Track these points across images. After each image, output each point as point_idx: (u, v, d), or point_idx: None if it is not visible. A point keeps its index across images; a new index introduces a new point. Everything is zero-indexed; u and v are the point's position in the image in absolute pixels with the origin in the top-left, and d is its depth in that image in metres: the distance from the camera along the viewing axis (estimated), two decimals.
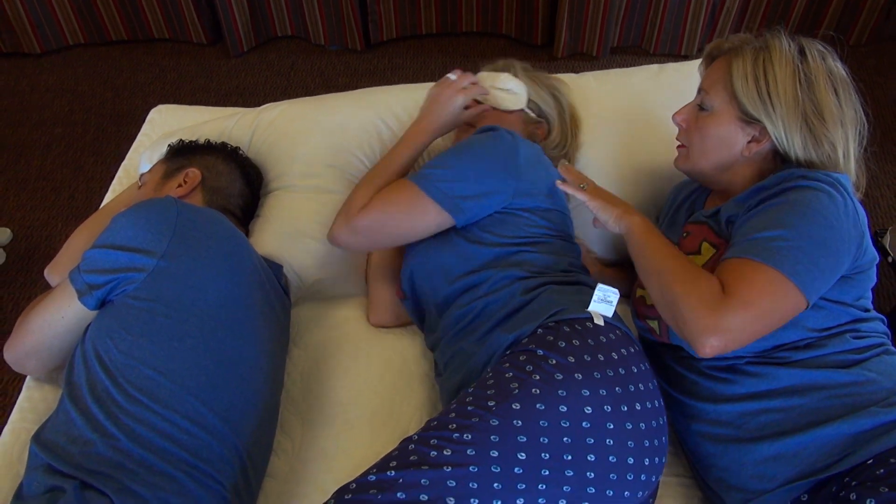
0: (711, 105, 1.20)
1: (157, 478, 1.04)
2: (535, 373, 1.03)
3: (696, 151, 1.24)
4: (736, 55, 1.18)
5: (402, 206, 1.26)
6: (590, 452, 0.98)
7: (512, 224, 1.28)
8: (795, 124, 1.13)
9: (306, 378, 1.40)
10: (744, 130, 1.18)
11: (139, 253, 1.14)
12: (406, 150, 1.37)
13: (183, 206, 1.22)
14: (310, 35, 3.16)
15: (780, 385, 1.09)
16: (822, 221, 1.04)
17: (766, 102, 1.14)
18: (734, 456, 1.11)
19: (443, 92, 1.39)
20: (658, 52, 3.09)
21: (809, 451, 1.04)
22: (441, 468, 0.94)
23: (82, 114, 2.86)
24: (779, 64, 1.14)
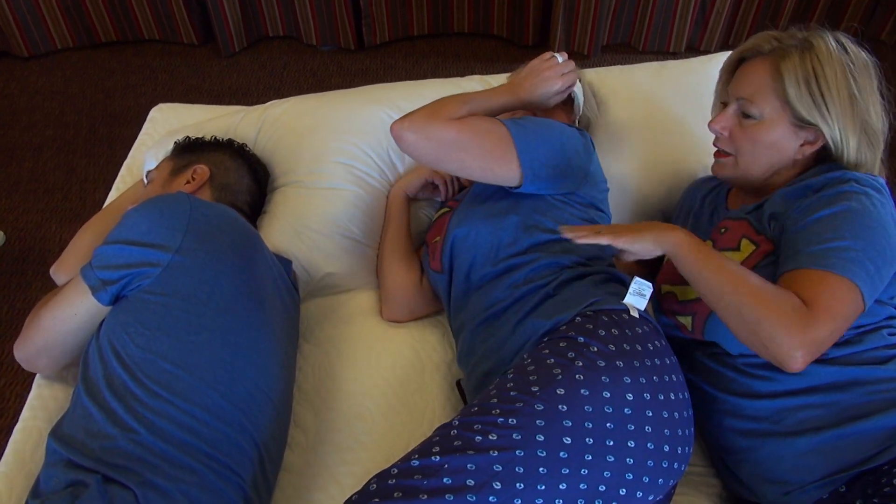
0: (761, 113, 1.17)
1: (178, 471, 1.04)
2: (578, 359, 1.04)
3: (746, 160, 1.22)
4: (783, 58, 1.15)
5: (490, 142, 1.21)
6: (630, 438, 1.00)
7: (567, 213, 1.29)
8: (853, 125, 1.13)
9: (318, 372, 1.41)
10: (797, 135, 1.17)
11: (154, 248, 1.14)
12: (496, 99, 1.30)
13: (196, 200, 1.22)
14: (302, 35, 3.16)
15: (820, 382, 1.10)
16: (881, 231, 1.05)
17: (822, 105, 1.12)
18: (771, 450, 1.12)
19: (546, 71, 1.34)
20: (647, 49, 3.12)
21: (848, 444, 1.05)
22: (487, 453, 0.95)
23: (73, 115, 2.84)
24: (827, 63, 1.12)
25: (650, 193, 1.60)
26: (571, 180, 1.29)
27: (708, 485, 1.28)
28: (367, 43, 3.11)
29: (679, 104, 1.64)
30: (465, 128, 1.20)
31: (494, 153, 1.22)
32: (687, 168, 1.58)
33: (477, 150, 1.21)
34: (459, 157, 1.21)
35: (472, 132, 1.21)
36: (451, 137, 1.19)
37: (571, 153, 1.28)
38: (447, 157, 1.21)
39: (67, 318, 1.19)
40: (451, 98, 1.26)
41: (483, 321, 1.27)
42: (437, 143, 1.19)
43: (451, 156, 1.21)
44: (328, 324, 1.49)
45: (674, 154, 1.60)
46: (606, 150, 1.59)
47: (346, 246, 1.50)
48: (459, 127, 1.20)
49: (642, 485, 1.01)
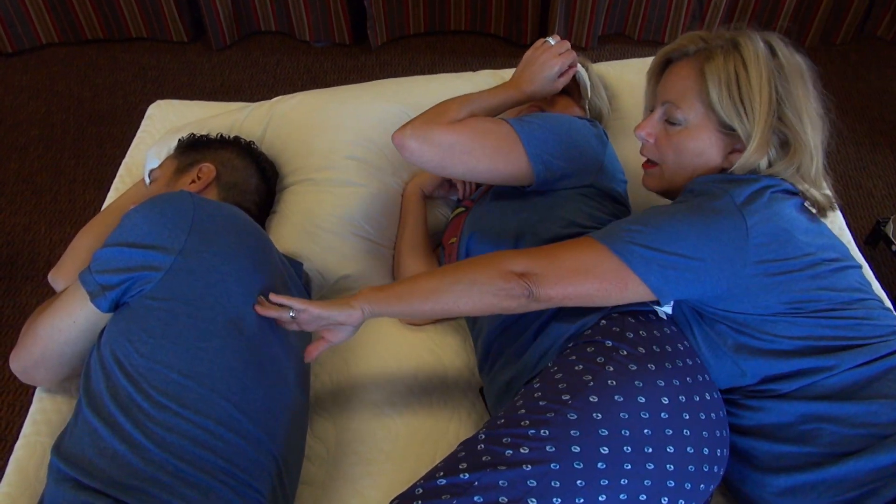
0: (685, 118, 1.11)
1: (193, 490, 0.98)
2: (608, 364, 0.99)
3: (671, 169, 1.15)
4: (707, 59, 1.09)
5: (495, 142, 1.17)
6: (669, 444, 0.95)
7: (586, 206, 1.24)
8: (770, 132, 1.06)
9: (335, 380, 1.34)
10: (723, 142, 1.10)
11: (155, 250, 1.07)
12: (499, 96, 1.28)
13: (200, 199, 1.15)
14: (294, 31, 3.09)
15: (783, 419, 1.04)
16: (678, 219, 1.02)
17: (741, 110, 1.05)
18: (752, 486, 1.08)
19: (540, 56, 1.30)
20: (642, 39, 3.10)
21: (828, 485, 0.99)
22: (520, 467, 0.89)
23: (60, 114, 2.74)
24: (752, 65, 1.05)
25: None
26: (586, 172, 1.24)
27: None
28: (373, 45, 3.04)
29: None
30: (467, 130, 1.16)
31: (501, 152, 1.17)
32: None
33: (483, 152, 1.17)
34: (464, 160, 1.17)
35: (475, 133, 1.17)
36: (454, 140, 1.15)
37: (583, 144, 1.23)
38: (452, 161, 1.17)
39: (65, 326, 1.11)
40: (451, 101, 1.22)
41: (501, 325, 1.21)
42: (440, 149, 1.16)
43: (457, 160, 1.17)
44: None
45: None
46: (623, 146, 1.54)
47: (361, 246, 1.44)
48: (461, 129, 1.16)
49: (684, 492, 0.96)
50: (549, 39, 1.33)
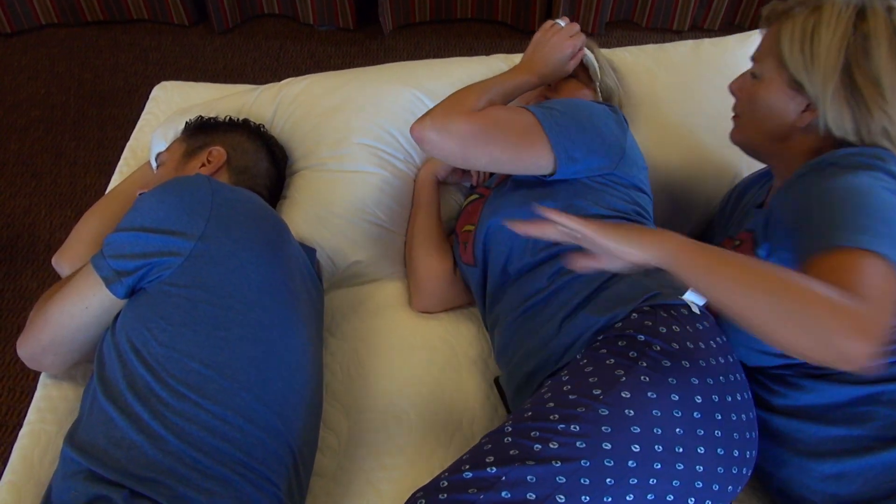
0: (762, 72, 1.12)
1: (211, 482, 0.95)
2: (641, 359, 0.95)
3: (745, 120, 1.17)
4: (787, 19, 1.10)
5: (516, 129, 1.14)
6: (700, 444, 0.92)
7: (609, 195, 1.21)
8: (840, 93, 1.03)
9: (347, 369, 1.31)
10: (794, 99, 1.09)
11: (174, 235, 1.03)
12: (514, 80, 1.25)
13: (217, 184, 1.12)
14: (298, 14, 3.04)
15: (835, 400, 1.02)
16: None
17: (808, 66, 1.05)
18: (794, 469, 1.06)
19: (552, 38, 1.29)
20: (650, 26, 3.06)
21: (876, 474, 0.98)
22: (549, 463, 0.86)
23: (61, 96, 2.69)
24: (827, 25, 1.04)
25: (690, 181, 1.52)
26: (609, 159, 1.21)
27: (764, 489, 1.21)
28: (385, 31, 2.98)
29: (718, 85, 1.56)
30: (488, 119, 1.12)
31: (524, 141, 1.14)
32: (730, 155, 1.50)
33: (505, 141, 1.13)
34: (487, 150, 1.13)
35: (496, 122, 1.13)
36: (476, 130, 1.11)
37: (605, 130, 1.20)
38: (474, 152, 1.13)
39: (78, 312, 1.08)
40: (468, 89, 1.19)
41: (522, 314, 1.18)
42: (461, 139, 1.11)
43: (479, 150, 1.13)
44: (355, 317, 1.39)
45: (714, 139, 1.52)
46: (642, 135, 1.51)
47: (372, 233, 1.40)
48: (483, 118, 1.12)
49: (711, 493, 0.93)
50: (558, 21, 1.31)
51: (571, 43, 1.29)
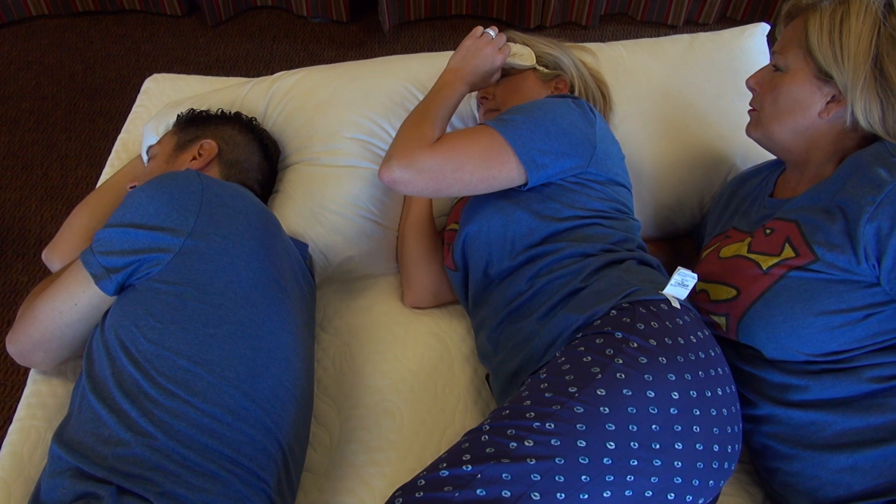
0: (786, 64, 1.12)
1: (200, 479, 0.94)
2: (618, 356, 0.95)
3: (767, 114, 1.16)
4: (814, 11, 1.10)
5: (481, 151, 1.14)
6: (678, 440, 0.92)
7: (584, 195, 1.20)
8: (870, 83, 1.04)
9: (339, 365, 1.31)
10: (821, 90, 1.09)
11: (163, 231, 1.03)
12: (452, 95, 1.26)
13: (207, 179, 1.11)
14: (291, 5, 3.02)
15: (854, 392, 1.02)
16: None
17: (838, 56, 1.05)
18: (806, 463, 1.05)
19: (483, 48, 1.29)
20: (645, 19, 3.05)
21: (890, 463, 0.98)
22: (524, 461, 0.87)
23: (51, 87, 2.67)
24: (856, 15, 1.05)
25: (684, 176, 1.51)
26: (580, 158, 1.20)
27: (753, 484, 1.22)
28: (385, 28, 2.96)
29: (714, 78, 1.56)
30: (452, 146, 1.14)
31: (491, 160, 1.14)
32: (725, 150, 1.51)
33: (473, 164, 1.14)
34: (458, 177, 1.14)
35: (461, 147, 1.14)
36: (443, 161, 1.13)
37: (571, 130, 1.19)
38: (446, 181, 1.14)
39: (67, 308, 1.07)
40: (415, 120, 1.20)
41: (505, 317, 1.18)
42: (430, 174, 1.13)
43: (450, 179, 1.14)
44: (347, 312, 1.39)
45: (709, 134, 1.52)
46: (637, 130, 1.51)
47: (366, 228, 1.40)
48: (446, 148, 1.13)
49: (692, 488, 0.93)
50: (488, 31, 1.32)
51: (501, 57, 1.31)
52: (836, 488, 1.02)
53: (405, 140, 1.16)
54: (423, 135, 1.15)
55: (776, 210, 1.17)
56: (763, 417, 1.12)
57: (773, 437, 1.10)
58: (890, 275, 0.99)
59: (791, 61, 1.12)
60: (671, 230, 1.57)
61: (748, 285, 1.12)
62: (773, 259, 1.09)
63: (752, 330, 1.10)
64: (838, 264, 1.02)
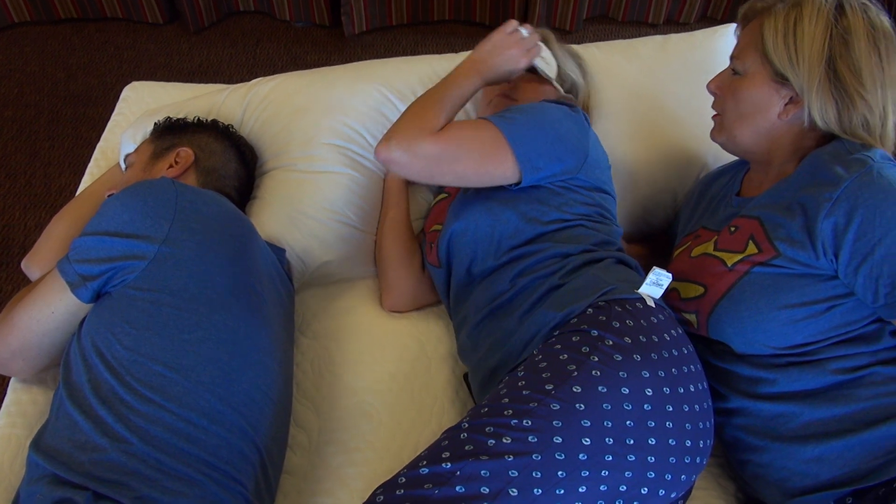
0: (744, 68, 1.15)
1: (176, 483, 0.96)
2: (593, 354, 0.98)
3: (730, 118, 1.19)
4: (768, 15, 1.13)
5: (481, 146, 1.15)
6: (651, 435, 0.94)
7: (570, 200, 1.22)
8: (825, 83, 1.07)
9: (318, 368, 1.33)
10: (779, 92, 1.12)
11: (138, 239, 1.04)
12: (465, 86, 1.23)
13: (182, 186, 1.12)
14: (274, 10, 3.03)
15: (820, 384, 1.06)
16: None
17: (793, 58, 1.08)
18: (776, 454, 1.08)
19: (512, 47, 1.25)
20: (626, 19, 3.07)
21: (856, 454, 1.01)
22: (502, 458, 0.89)
23: (34, 95, 2.67)
24: (809, 18, 1.08)
25: (657, 176, 1.54)
26: (572, 164, 1.22)
27: (726, 477, 1.24)
28: (347, 33, 2.98)
29: (686, 78, 1.58)
30: (454, 138, 1.13)
31: (490, 157, 1.15)
32: (697, 150, 1.53)
33: (471, 158, 1.14)
34: (453, 168, 1.14)
35: (462, 140, 1.14)
36: (443, 151, 1.13)
37: (567, 136, 1.21)
38: (441, 170, 1.15)
39: (44, 316, 1.09)
40: (424, 103, 1.19)
41: (487, 315, 1.20)
42: (428, 160, 1.13)
43: (445, 168, 1.14)
44: (326, 316, 1.40)
45: (682, 134, 1.54)
46: (611, 130, 1.53)
47: (342, 233, 1.41)
48: (449, 138, 1.13)
49: (665, 482, 0.96)
50: (521, 29, 1.28)
51: (528, 59, 1.27)
52: (804, 478, 1.05)
53: (409, 122, 1.15)
54: (428, 120, 1.14)
55: (742, 208, 1.20)
56: (734, 410, 1.15)
57: (743, 429, 1.13)
58: (847, 269, 1.02)
59: (749, 65, 1.14)
60: (646, 229, 1.59)
61: (714, 282, 1.14)
62: (738, 256, 1.12)
63: (721, 326, 1.13)
64: (799, 259, 1.05)
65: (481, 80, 1.25)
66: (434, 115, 1.16)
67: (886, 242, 0.98)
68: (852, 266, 1.01)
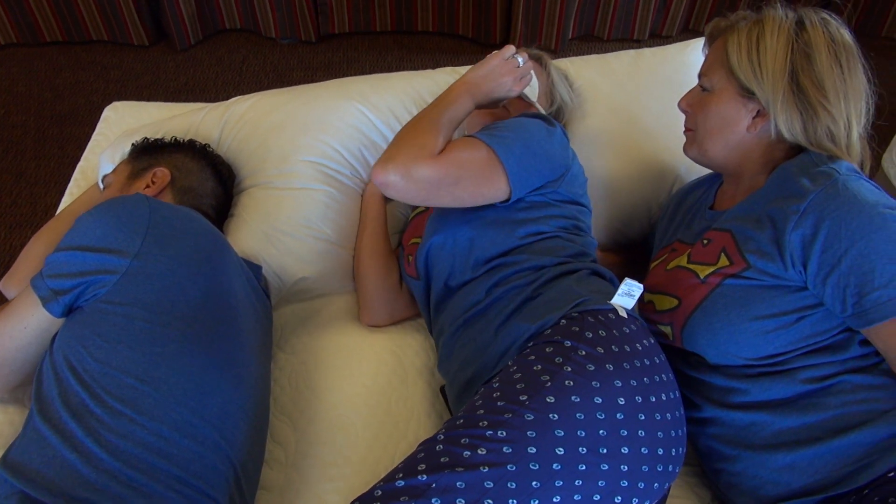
0: (711, 84, 1.18)
1: (146, 500, 0.96)
2: (567, 364, 0.99)
3: (700, 133, 1.21)
4: (732, 32, 1.16)
5: (478, 169, 1.16)
6: (624, 444, 0.95)
7: (547, 213, 1.25)
8: (789, 96, 1.10)
9: (295, 383, 1.33)
10: (746, 106, 1.15)
11: (109, 253, 1.05)
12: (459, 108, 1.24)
13: (155, 202, 1.13)
14: (260, 28, 3.06)
15: (791, 394, 1.07)
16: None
17: (757, 73, 1.11)
18: (748, 463, 1.09)
19: (507, 74, 1.27)
20: (611, 38, 3.10)
21: (826, 462, 1.02)
22: (477, 469, 0.89)
23: (20, 116, 2.69)
24: (771, 34, 1.11)
25: (632, 189, 1.56)
26: (555, 177, 1.26)
27: (702, 486, 1.25)
28: (322, 32, 3.01)
29: (659, 92, 1.60)
30: (452, 162, 1.14)
31: (485, 179, 1.17)
32: (670, 162, 1.55)
33: (467, 181, 1.16)
34: (451, 191, 1.15)
35: (461, 165, 1.15)
36: (442, 176, 1.13)
37: (552, 152, 1.24)
38: (439, 194, 1.15)
39: (17, 332, 1.09)
40: (421, 126, 1.18)
41: (462, 325, 1.21)
42: (427, 185, 1.13)
43: (443, 192, 1.15)
44: (303, 331, 1.41)
45: (655, 147, 1.56)
46: (585, 144, 1.55)
47: (319, 249, 1.42)
48: (448, 163, 1.14)
49: (638, 491, 0.97)
50: (518, 58, 1.29)
51: (518, 88, 1.29)
52: (776, 487, 1.06)
53: (407, 146, 1.14)
54: (426, 144, 1.15)
55: (715, 221, 1.21)
56: (707, 420, 1.16)
57: (716, 438, 1.14)
58: (815, 280, 1.03)
59: (716, 81, 1.17)
60: (624, 241, 1.60)
61: (688, 294, 1.16)
62: (710, 268, 1.14)
63: (694, 337, 1.15)
64: (769, 271, 1.07)
65: (473, 103, 1.27)
66: (433, 138, 1.16)
67: (852, 254, 1.00)
68: (820, 277, 1.03)
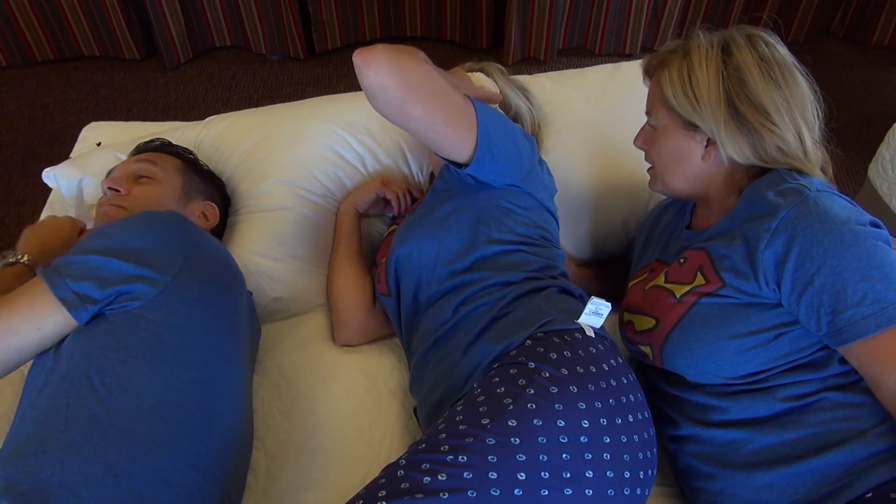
0: (657, 121, 1.19)
1: None
2: (529, 386, 0.97)
3: (659, 169, 1.22)
4: (663, 69, 1.17)
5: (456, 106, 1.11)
6: (588, 468, 0.93)
7: (513, 221, 1.24)
8: (731, 123, 1.09)
9: (267, 407, 1.32)
10: (694, 138, 1.15)
11: (150, 268, 1.03)
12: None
13: (192, 225, 1.15)
14: (250, 44, 3.07)
15: (771, 412, 1.06)
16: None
17: (695, 106, 1.11)
18: (727, 482, 1.08)
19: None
20: (603, 52, 3.10)
21: (805, 481, 1.01)
22: (437, 495, 0.88)
23: (10, 134, 2.70)
24: (699, 65, 1.11)
25: (609, 204, 1.55)
26: (519, 169, 1.25)
27: None
28: (318, 49, 3.02)
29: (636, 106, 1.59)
30: (440, 81, 1.08)
31: (459, 118, 1.11)
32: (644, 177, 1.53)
33: (444, 101, 1.09)
34: (428, 100, 1.07)
35: (445, 87, 1.09)
36: (426, 82, 1.06)
37: (521, 144, 1.24)
38: (416, 97, 1.05)
39: (27, 333, 1.00)
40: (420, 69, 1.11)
41: (433, 344, 1.20)
42: (408, 79, 1.03)
43: (420, 98, 1.05)
44: (277, 351, 1.41)
45: (632, 161, 1.54)
46: (562, 159, 1.54)
47: (293, 268, 1.42)
48: (436, 77, 1.08)
49: None
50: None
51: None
52: None
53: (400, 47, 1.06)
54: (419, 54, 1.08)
55: (691, 241, 1.21)
56: (686, 437, 1.14)
57: (695, 456, 1.13)
58: (790, 298, 1.02)
59: (660, 119, 1.18)
60: (601, 256, 1.59)
61: (665, 314, 1.15)
62: (686, 287, 1.13)
63: (673, 357, 1.14)
64: (744, 289, 1.06)
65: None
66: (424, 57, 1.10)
67: (825, 272, 0.99)
68: (794, 295, 1.02)
